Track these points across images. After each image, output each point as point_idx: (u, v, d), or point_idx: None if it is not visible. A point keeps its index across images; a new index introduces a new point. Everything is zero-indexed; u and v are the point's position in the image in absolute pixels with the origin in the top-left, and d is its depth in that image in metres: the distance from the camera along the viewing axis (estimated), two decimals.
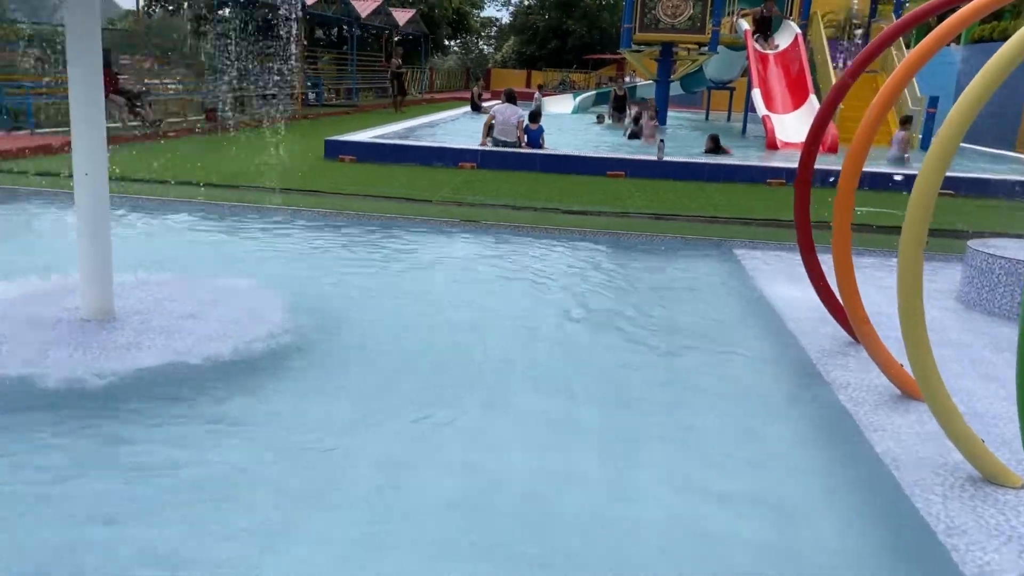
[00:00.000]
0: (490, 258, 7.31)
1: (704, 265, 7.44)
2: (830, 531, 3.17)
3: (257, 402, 4.05)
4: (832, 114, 5.04)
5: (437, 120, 20.43)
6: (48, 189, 9.12)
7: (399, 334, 5.20)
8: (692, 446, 3.83)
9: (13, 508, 3.01)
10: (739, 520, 3.20)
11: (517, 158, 12.94)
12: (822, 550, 3.04)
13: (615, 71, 41.15)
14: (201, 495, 3.16)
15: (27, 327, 4.65)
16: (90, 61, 4.61)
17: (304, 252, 7.33)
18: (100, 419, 3.73)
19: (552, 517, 3.15)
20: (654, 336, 5.35)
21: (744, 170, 12.45)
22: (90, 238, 4.77)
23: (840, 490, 3.50)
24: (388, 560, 2.83)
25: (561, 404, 4.23)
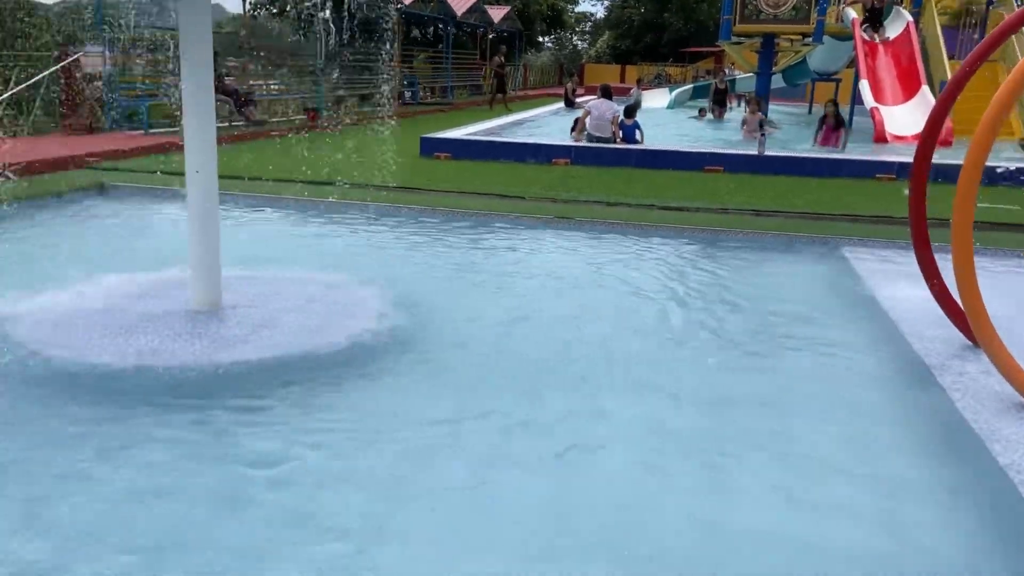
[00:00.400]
0: (584, 255, 7.24)
1: (809, 263, 7.17)
2: (948, 550, 2.98)
3: (356, 396, 4.12)
4: (951, 106, 4.75)
5: (531, 117, 20.44)
6: (160, 187, 9.55)
7: (495, 331, 5.20)
8: (794, 453, 3.67)
9: (128, 495, 3.14)
10: (842, 531, 3.04)
11: (612, 154, 12.79)
12: (936, 573, 2.86)
13: (713, 64, 40.27)
14: (299, 488, 3.23)
15: (141, 318, 4.86)
16: (202, 64, 4.78)
17: (401, 248, 7.43)
18: (208, 410, 3.86)
19: (645, 521, 3.08)
20: (755, 337, 5.17)
21: (851, 164, 11.93)
22: (200, 233, 4.95)
23: (959, 506, 3.29)
24: (484, 559, 2.82)
25: (657, 405, 4.13)
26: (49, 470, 3.29)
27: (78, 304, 5.09)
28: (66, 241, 7.36)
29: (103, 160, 11.21)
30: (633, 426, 3.89)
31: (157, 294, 5.32)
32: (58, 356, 4.28)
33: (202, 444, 3.56)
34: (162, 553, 2.76)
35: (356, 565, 2.75)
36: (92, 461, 3.37)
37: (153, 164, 10.90)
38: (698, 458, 3.58)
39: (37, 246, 7.02)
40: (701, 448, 3.68)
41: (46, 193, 8.73)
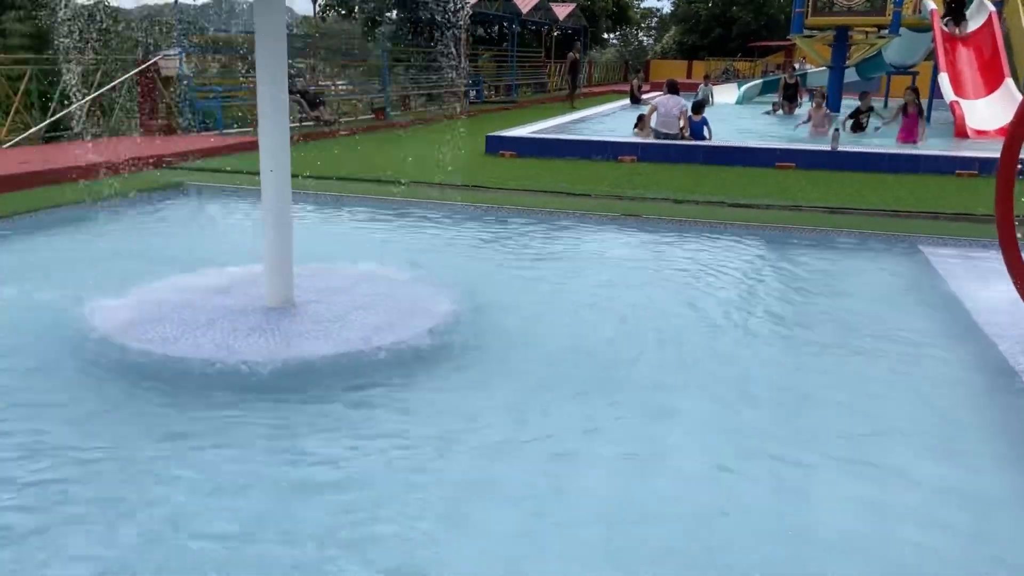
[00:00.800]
0: (652, 253, 7.16)
1: (887, 262, 6.94)
2: None
3: (424, 394, 4.15)
4: None
5: (596, 114, 20.32)
6: (234, 185, 9.80)
7: (561, 329, 5.17)
8: (876, 457, 3.55)
9: (204, 488, 3.23)
10: (930, 536, 2.93)
11: (679, 150, 12.62)
12: None
13: (783, 58, 39.37)
14: (367, 484, 3.26)
15: (217, 314, 4.99)
16: (276, 66, 4.88)
17: (467, 245, 7.46)
18: (280, 404, 3.94)
19: (718, 527, 3.02)
20: (831, 338, 5.03)
21: (930, 160, 11.51)
22: (274, 231, 5.05)
23: None
24: (552, 562, 2.81)
25: (730, 406, 4.05)
26: (132, 462, 3.40)
27: (157, 300, 5.25)
28: (145, 239, 7.61)
29: (180, 160, 11.56)
30: (705, 427, 3.82)
31: (232, 290, 5.45)
32: (139, 349, 4.42)
33: (275, 438, 3.63)
34: (238, 544, 2.83)
35: (423, 563, 2.76)
36: (171, 453, 3.47)
37: (227, 163, 11.20)
38: (772, 461, 3.50)
39: (119, 244, 7.28)
40: (775, 451, 3.59)
41: (126, 193, 9.04)
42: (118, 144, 12.26)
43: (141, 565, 2.70)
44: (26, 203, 8.29)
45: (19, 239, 7.28)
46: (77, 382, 4.19)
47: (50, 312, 5.09)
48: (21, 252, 6.92)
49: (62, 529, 2.89)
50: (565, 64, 27.09)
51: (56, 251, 7.03)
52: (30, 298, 5.41)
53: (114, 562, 2.71)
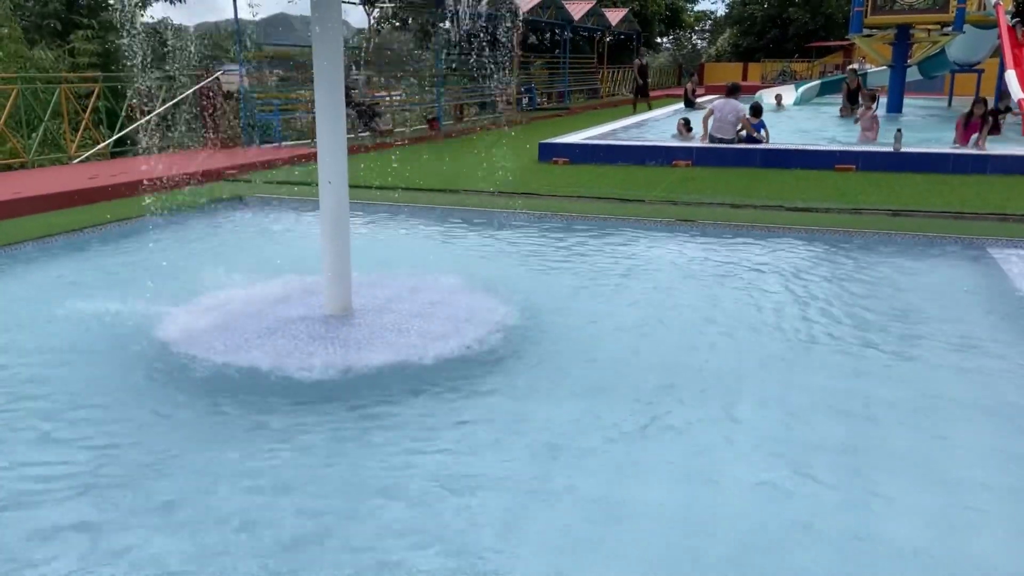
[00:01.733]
0: (708, 259, 7.07)
1: (953, 266, 6.74)
2: None
3: (482, 401, 4.17)
4: None
5: (650, 118, 20.18)
6: (293, 197, 10.00)
7: (618, 336, 5.15)
8: (943, 469, 3.45)
9: (267, 490, 3.29)
10: (996, 547, 2.83)
11: (735, 154, 12.46)
12: None
13: (841, 58, 38.58)
14: (427, 491, 3.29)
15: (279, 322, 5.10)
16: (333, 79, 4.97)
17: (521, 253, 7.48)
18: (340, 411, 4.00)
19: (779, 538, 2.96)
20: (896, 345, 4.90)
21: (997, 161, 11.14)
22: (333, 240, 5.14)
23: None
24: (611, 572, 2.79)
25: (792, 414, 3.98)
26: (195, 464, 3.49)
27: (220, 309, 5.39)
28: (208, 250, 7.82)
29: (241, 172, 11.85)
30: (766, 435, 3.75)
31: (292, 299, 5.56)
32: (203, 357, 4.53)
33: (334, 444, 3.69)
34: (301, 547, 2.88)
35: (478, 569, 2.77)
36: (233, 457, 3.55)
37: (286, 175, 11.43)
38: (837, 471, 3.42)
39: (183, 254, 7.49)
40: (840, 461, 3.51)
41: (189, 205, 9.30)
42: (181, 158, 12.63)
43: (208, 564, 2.76)
44: (94, 217, 8.58)
45: (88, 252, 7.54)
46: (143, 389, 4.31)
47: (117, 321, 5.26)
48: (90, 264, 7.17)
49: (122, 531, 2.98)
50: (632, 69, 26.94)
51: (123, 262, 7.26)
52: (98, 308, 5.59)
53: (181, 561, 2.79)
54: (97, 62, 19.40)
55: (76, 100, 13.69)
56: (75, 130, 13.37)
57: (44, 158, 12.96)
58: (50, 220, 8.47)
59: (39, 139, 12.81)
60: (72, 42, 19.74)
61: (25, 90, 12.71)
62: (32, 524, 3.04)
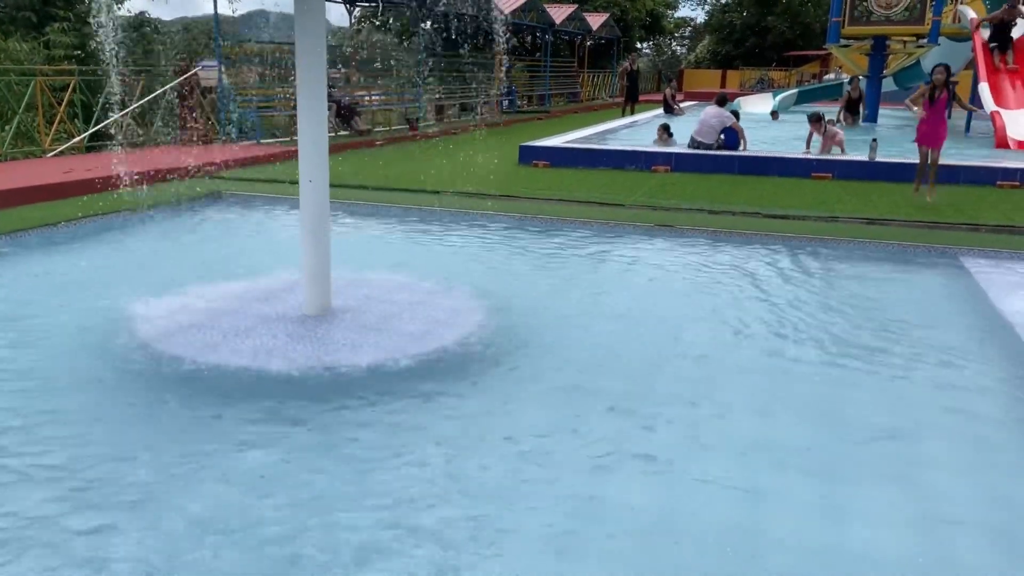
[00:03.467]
0: (686, 264, 7.12)
1: (926, 275, 6.84)
2: None
3: (460, 401, 4.17)
4: None
5: (628, 123, 20.28)
6: (272, 195, 9.93)
7: (596, 339, 5.17)
8: (917, 480, 3.50)
9: (245, 491, 3.27)
10: (972, 556, 2.88)
11: (713, 160, 12.56)
12: None
13: (819, 67, 39.04)
14: (407, 491, 3.28)
15: (256, 321, 5.06)
16: (315, 78, 4.95)
17: (501, 255, 7.49)
18: (319, 411, 3.98)
19: (753, 544, 2.99)
20: (869, 355, 4.96)
21: (970, 171, 11.33)
22: (312, 241, 5.12)
23: None
24: (588, 572, 2.80)
25: (766, 420, 4.02)
26: (172, 464, 3.46)
27: (198, 307, 5.34)
28: (185, 247, 7.75)
29: (218, 169, 11.75)
30: (739, 441, 3.79)
31: (271, 298, 5.53)
32: (180, 356, 4.49)
33: (314, 444, 3.67)
34: (283, 544, 2.86)
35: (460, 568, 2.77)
36: (211, 457, 3.52)
37: (264, 173, 11.36)
38: (810, 478, 3.46)
39: (158, 251, 7.42)
40: (812, 468, 3.55)
41: (166, 201, 9.21)
42: (158, 153, 12.50)
43: (178, 565, 2.74)
44: (69, 211, 8.47)
45: (62, 247, 7.44)
46: (118, 388, 4.27)
47: (91, 319, 5.19)
48: (64, 260, 7.07)
49: (106, 529, 2.95)
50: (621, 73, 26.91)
51: (98, 259, 7.18)
52: (73, 305, 5.52)
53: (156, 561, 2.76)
54: (73, 55, 19.15)
55: (51, 93, 13.50)
56: (49, 123, 13.19)
57: (17, 151, 12.78)
58: (24, 214, 8.35)
59: (12, 132, 12.62)
60: (48, 34, 19.48)
61: None
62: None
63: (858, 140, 14.62)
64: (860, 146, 13.20)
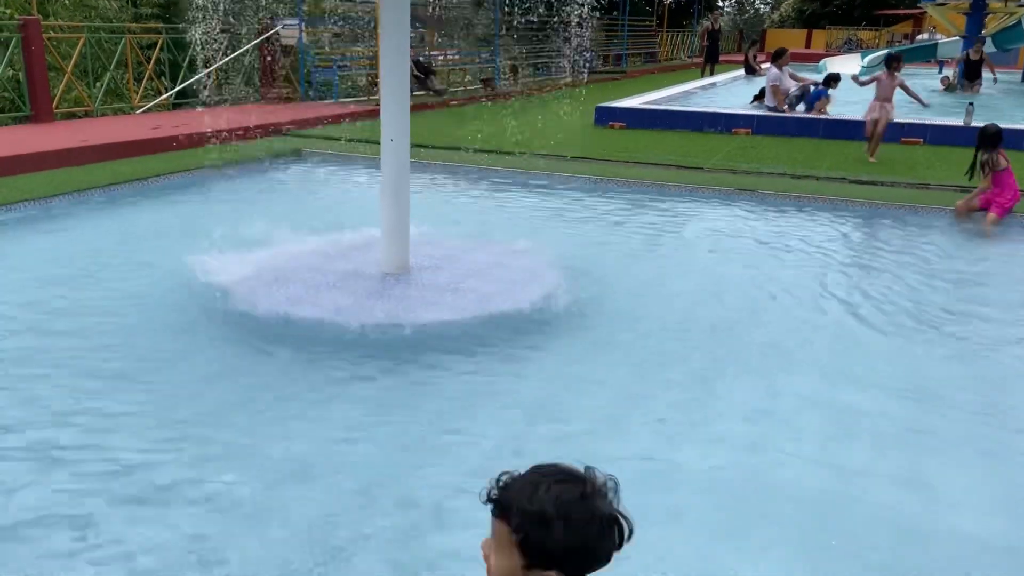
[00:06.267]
0: (767, 230, 6.95)
1: (1020, 246, 6.52)
2: None
3: (534, 362, 4.19)
4: None
5: (709, 84, 19.77)
6: (350, 153, 10.05)
7: (671, 304, 5.12)
8: (999, 446, 3.38)
9: (330, 435, 3.37)
10: None
11: (797, 123, 12.16)
12: None
13: (911, 27, 37.23)
14: (477, 445, 3.33)
15: (336, 277, 5.16)
16: (399, 36, 4.95)
17: (575, 217, 7.44)
18: (399, 366, 4.06)
19: (836, 517, 2.94)
20: (964, 324, 4.78)
21: None
22: (392, 199, 5.16)
23: None
24: (662, 533, 2.80)
25: (850, 392, 3.92)
26: (261, 414, 3.58)
27: (280, 262, 5.46)
28: (267, 203, 7.92)
29: (298, 128, 11.94)
30: (822, 413, 3.71)
31: (350, 256, 5.62)
32: (263, 308, 4.62)
33: (392, 397, 3.75)
34: (366, 492, 2.94)
35: None
36: (296, 409, 3.63)
37: (342, 132, 11.49)
38: (896, 452, 3.37)
39: (242, 207, 7.60)
40: (899, 440, 3.46)
41: (248, 158, 9.42)
42: (241, 111, 12.76)
43: (268, 506, 2.85)
44: (158, 167, 8.74)
45: (151, 201, 7.70)
46: (208, 340, 4.42)
47: (180, 272, 5.37)
48: (153, 214, 7.32)
49: (195, 469, 3.08)
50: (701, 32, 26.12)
51: (185, 214, 7.41)
52: (162, 258, 5.72)
53: (243, 500, 2.88)
54: (159, 13, 19.61)
55: (139, 51, 13.88)
56: (138, 80, 13.58)
57: (108, 107, 13.21)
58: (116, 168, 8.66)
59: (104, 88, 13.04)
60: None
61: (91, 39, 12.91)
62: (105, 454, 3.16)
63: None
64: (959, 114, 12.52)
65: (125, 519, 2.79)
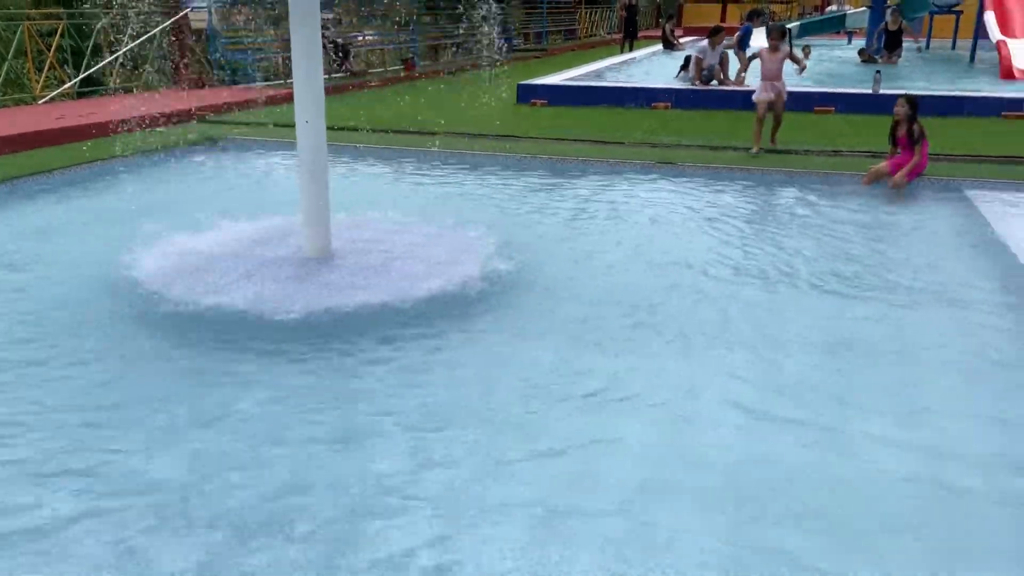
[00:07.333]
0: (687, 200, 7.07)
1: (930, 207, 6.79)
2: None
3: (463, 342, 4.18)
4: None
5: (628, 60, 19.93)
6: (268, 138, 9.81)
7: (596, 278, 5.16)
8: (915, 400, 3.53)
9: (250, 425, 3.30)
10: (971, 479, 2.92)
11: (716, 96, 12.37)
12: None
13: (820, 0, 38.21)
14: (413, 428, 3.31)
15: (256, 264, 5.04)
16: (309, 18, 4.83)
17: (500, 195, 7.42)
18: (321, 353, 3.99)
19: (752, 472, 3.03)
20: (874, 284, 4.96)
21: (974, 102, 11.17)
22: (311, 182, 5.06)
23: None
24: (588, 501, 2.83)
25: (767, 354, 4.03)
26: (174, 406, 3.48)
27: (197, 251, 5.31)
28: (182, 192, 7.68)
29: (212, 113, 11.59)
30: (740, 374, 3.80)
31: (270, 242, 5.50)
32: (182, 298, 4.48)
33: (318, 385, 3.69)
34: (284, 493, 2.89)
35: (467, 505, 2.81)
36: (210, 400, 3.54)
37: (259, 116, 11.20)
38: (817, 408, 3.48)
39: (155, 198, 7.35)
40: (820, 399, 3.57)
41: (160, 147, 9.10)
42: (151, 98, 12.31)
43: (179, 494, 2.78)
44: (63, 158, 8.38)
45: (59, 194, 7.38)
46: (119, 332, 4.27)
47: (92, 265, 5.17)
48: (60, 207, 7.02)
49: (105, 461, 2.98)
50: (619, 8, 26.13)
51: (95, 205, 7.12)
52: (70, 252, 5.49)
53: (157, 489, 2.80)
54: None
55: (39, 39, 13.23)
56: (39, 70, 12.96)
57: (8, 98, 12.58)
58: (18, 161, 8.26)
59: (2, 79, 12.40)
60: None
61: None
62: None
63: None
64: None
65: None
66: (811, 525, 2.70)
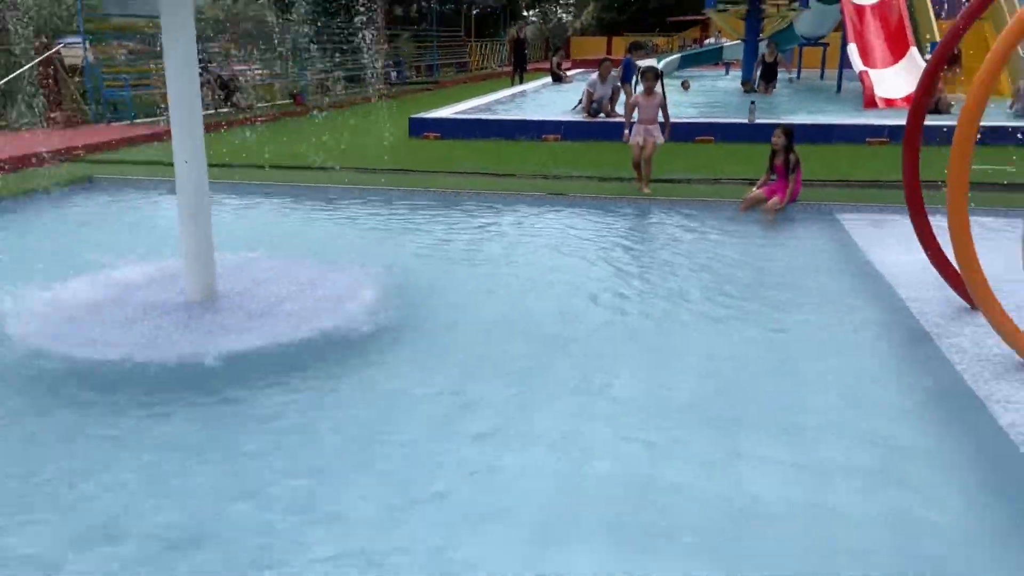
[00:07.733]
0: (577, 230, 7.21)
1: (803, 230, 7.16)
2: (951, 507, 3.00)
3: (356, 381, 4.11)
4: (943, 65, 4.72)
5: (518, 92, 20.28)
6: (148, 177, 9.46)
7: (488, 311, 5.19)
8: (794, 419, 3.69)
9: (123, 479, 3.14)
10: (850, 496, 3.06)
11: (602, 128, 12.72)
12: (941, 530, 2.88)
13: (699, 32, 39.98)
14: (304, 476, 3.23)
15: (136, 311, 4.83)
16: (185, 52, 4.71)
17: (392, 231, 7.39)
18: (204, 401, 3.85)
19: (643, 492, 3.09)
20: (752, 306, 5.17)
21: (842, 130, 11.89)
22: (192, 224, 4.90)
23: (960, 466, 3.31)
24: (491, 538, 2.83)
25: (660, 377, 4.14)
26: (47, 465, 3.28)
27: (72, 300, 5.05)
28: (56, 237, 7.30)
29: (89, 153, 11.10)
30: (636, 399, 3.89)
31: (151, 286, 5.29)
32: (55, 351, 4.25)
33: (205, 435, 3.56)
34: (173, 547, 2.76)
35: (363, 554, 2.75)
36: (87, 458, 3.36)
37: (139, 155, 10.81)
38: (706, 433, 3.59)
39: (26, 243, 6.97)
40: (708, 423, 3.68)
41: (33, 188, 8.65)
42: (22, 137, 11.70)
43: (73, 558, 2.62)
44: None
45: None
46: None
47: None
48: None
49: None
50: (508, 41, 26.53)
51: None
52: None
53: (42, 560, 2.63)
54: None
55: None
56: None
57: None
58: None
59: None
60: None
61: None
62: None
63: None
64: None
65: None
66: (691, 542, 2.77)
